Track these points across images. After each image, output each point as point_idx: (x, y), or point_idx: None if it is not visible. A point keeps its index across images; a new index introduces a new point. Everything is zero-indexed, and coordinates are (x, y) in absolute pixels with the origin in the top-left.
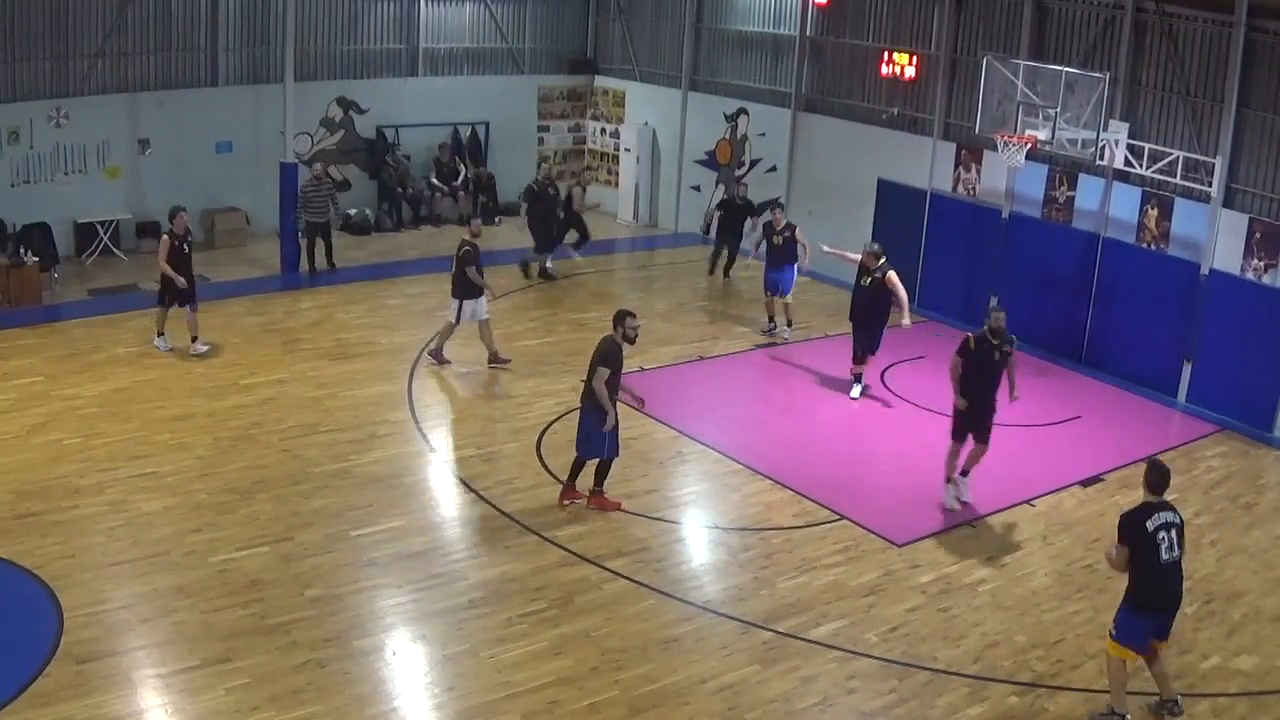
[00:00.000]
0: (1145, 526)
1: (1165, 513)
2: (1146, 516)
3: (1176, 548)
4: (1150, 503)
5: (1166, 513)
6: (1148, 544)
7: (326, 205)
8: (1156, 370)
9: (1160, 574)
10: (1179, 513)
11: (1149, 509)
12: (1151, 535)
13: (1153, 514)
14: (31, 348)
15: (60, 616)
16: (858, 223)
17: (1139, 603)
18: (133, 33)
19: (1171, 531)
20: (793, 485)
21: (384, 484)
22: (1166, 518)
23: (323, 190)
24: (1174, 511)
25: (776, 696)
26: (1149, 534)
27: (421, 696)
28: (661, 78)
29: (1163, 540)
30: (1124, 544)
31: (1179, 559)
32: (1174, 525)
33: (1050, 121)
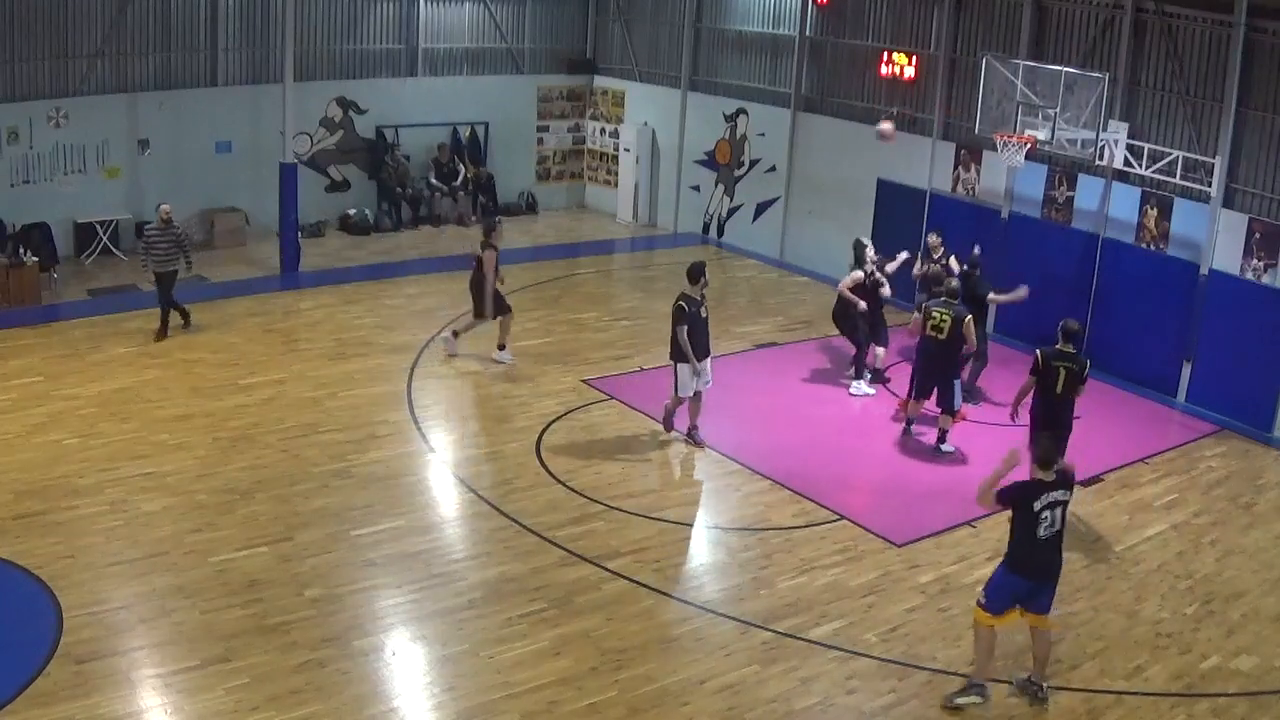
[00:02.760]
0: (1032, 505)
1: (1055, 491)
2: (1036, 494)
3: (1058, 524)
4: (1044, 481)
5: (1056, 491)
6: (1029, 517)
7: (175, 254)
8: (1156, 370)
9: (1037, 546)
10: (1070, 487)
11: (1040, 487)
12: (1036, 513)
13: (1043, 492)
14: (31, 348)
15: (60, 616)
16: (858, 223)
17: (1011, 563)
18: (132, 33)
19: (1057, 510)
20: (792, 485)
21: (384, 484)
22: (1055, 496)
23: (169, 235)
24: (1064, 489)
25: (776, 696)
26: (1034, 511)
27: (421, 696)
28: (661, 78)
29: (1045, 518)
30: (999, 502)
31: (1059, 533)
32: (1062, 503)
33: (1050, 121)
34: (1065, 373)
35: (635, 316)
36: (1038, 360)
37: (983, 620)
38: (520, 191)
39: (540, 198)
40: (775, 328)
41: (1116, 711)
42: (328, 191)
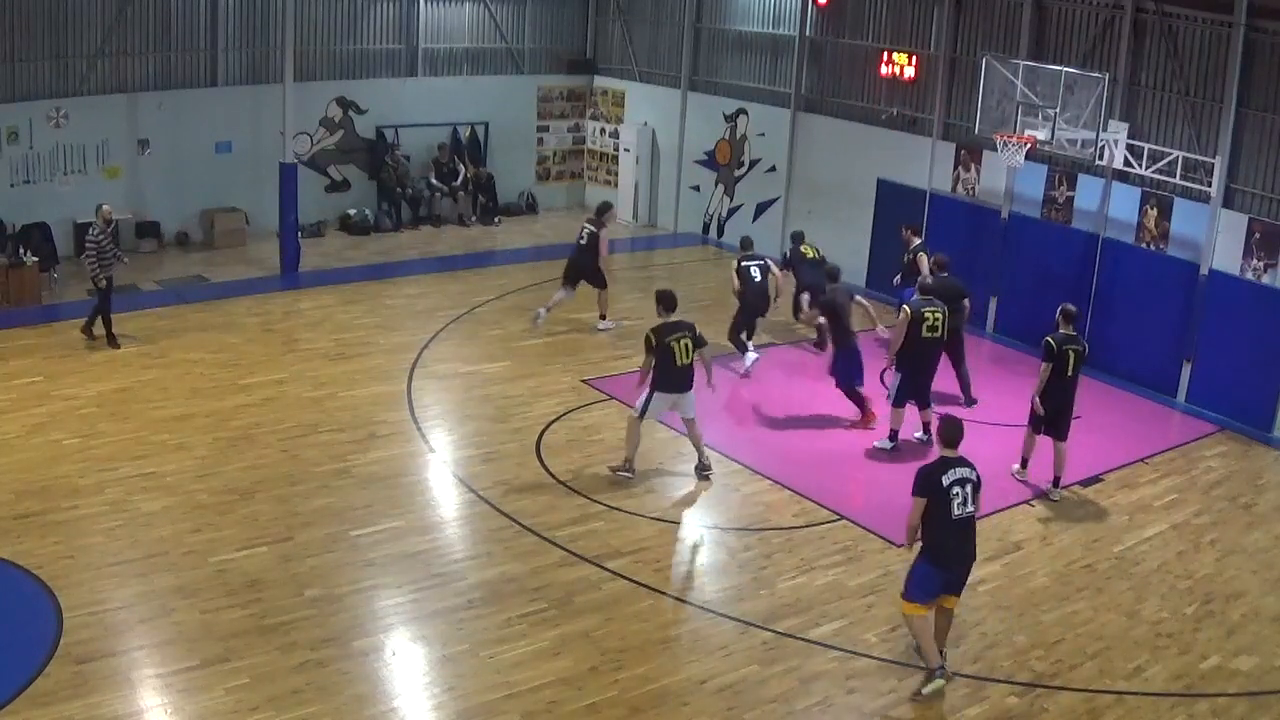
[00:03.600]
0: (940, 481)
1: (961, 469)
2: (943, 471)
3: (970, 503)
4: (947, 458)
5: (963, 469)
6: (941, 498)
7: (115, 255)
8: (1156, 370)
9: (952, 528)
10: (975, 469)
11: (945, 464)
12: (946, 490)
13: (949, 469)
14: (31, 348)
15: (60, 616)
16: (858, 223)
17: (933, 556)
18: (132, 33)
19: (966, 487)
20: (792, 485)
21: (384, 484)
22: (962, 473)
23: (110, 236)
24: (970, 468)
25: (776, 696)
26: (944, 488)
27: (421, 696)
28: (661, 78)
29: (956, 495)
30: (917, 495)
31: (972, 515)
32: (969, 481)
33: (1050, 121)
34: (1074, 355)
35: (635, 316)
36: (1052, 347)
37: (912, 611)
38: (520, 191)
39: (540, 198)
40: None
41: (1116, 711)
42: (328, 191)
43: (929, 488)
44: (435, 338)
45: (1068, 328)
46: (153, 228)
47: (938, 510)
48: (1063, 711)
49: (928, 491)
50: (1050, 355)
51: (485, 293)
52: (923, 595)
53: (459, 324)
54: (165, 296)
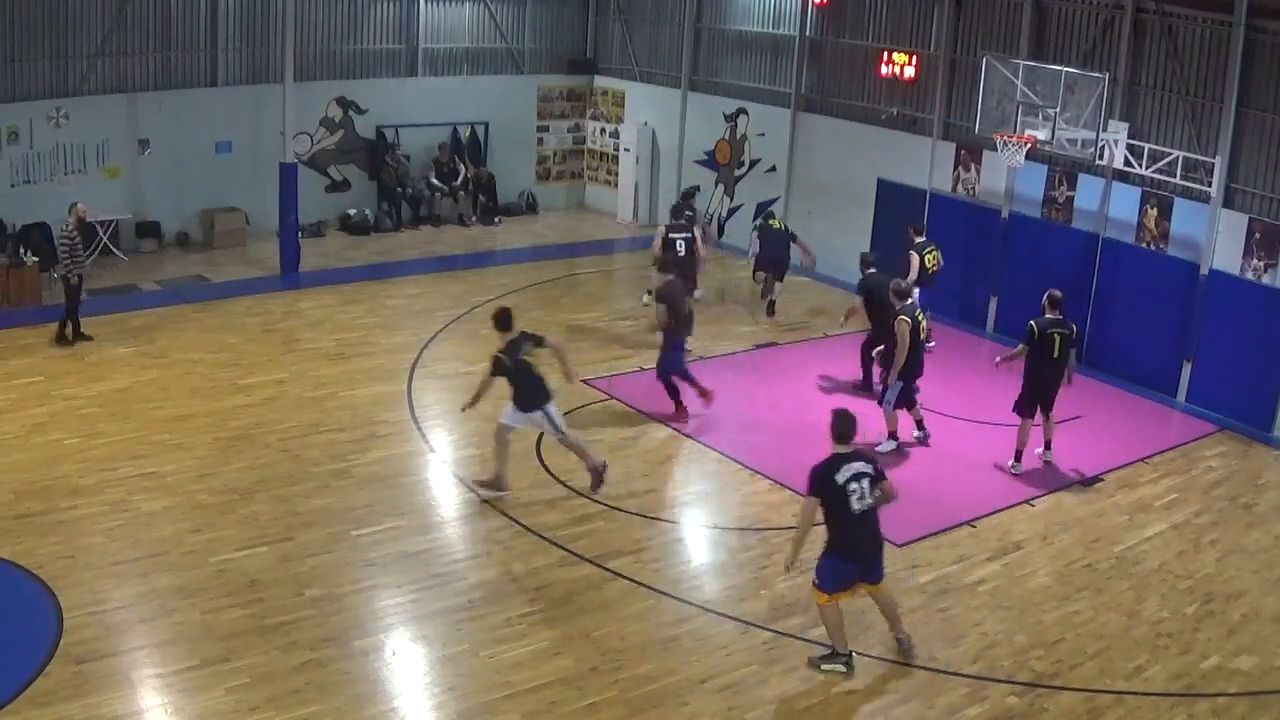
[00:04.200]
0: (835, 479)
1: (856, 463)
2: (836, 469)
3: (868, 496)
4: (840, 454)
5: (857, 463)
6: (839, 495)
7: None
8: (1156, 370)
9: (853, 522)
10: (872, 460)
11: (839, 460)
12: (842, 487)
13: (843, 465)
14: (31, 348)
15: (60, 616)
16: (858, 223)
17: (838, 551)
18: (132, 33)
19: (863, 481)
20: (793, 485)
21: (384, 484)
22: (857, 468)
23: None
24: (865, 461)
25: (776, 696)
26: (839, 486)
27: (421, 696)
28: (661, 78)
29: (853, 490)
30: (812, 495)
31: (872, 507)
32: (865, 475)
33: (1050, 121)
34: (1060, 339)
35: (635, 316)
36: (1032, 330)
37: (822, 599)
38: (520, 191)
39: (540, 198)
40: (775, 327)
41: (1116, 711)
42: (328, 191)
43: (823, 487)
44: (435, 338)
45: (1053, 313)
46: (153, 228)
47: (837, 508)
48: (1063, 711)
49: (823, 491)
50: (1030, 339)
51: (485, 293)
52: (834, 586)
53: (459, 324)
54: (165, 296)
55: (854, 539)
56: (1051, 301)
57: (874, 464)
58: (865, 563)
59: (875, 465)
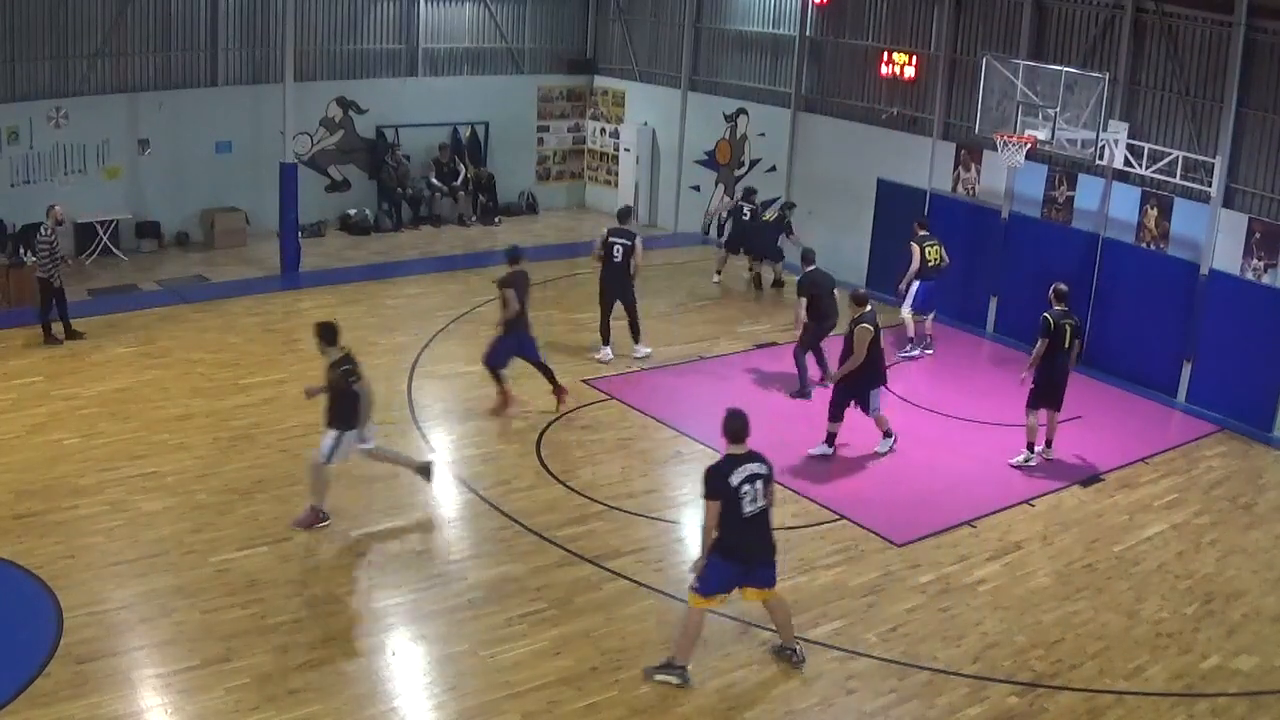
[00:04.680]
0: (729, 481)
1: (750, 464)
2: (730, 470)
3: (761, 499)
4: (734, 454)
5: (752, 464)
6: (731, 498)
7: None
8: (1156, 370)
9: (744, 525)
10: (766, 461)
11: (733, 461)
12: (735, 489)
13: (737, 466)
14: (31, 348)
15: (60, 616)
16: (858, 223)
17: (724, 551)
18: (133, 33)
19: (756, 483)
20: (793, 485)
21: (384, 484)
22: (751, 469)
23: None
24: (760, 462)
25: (776, 696)
26: (733, 488)
27: (421, 696)
28: (661, 78)
29: (746, 493)
30: (710, 499)
31: (765, 510)
32: (760, 476)
33: (1050, 121)
34: (1070, 329)
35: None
36: (1049, 323)
37: (695, 602)
38: (520, 191)
39: (540, 198)
40: (775, 327)
41: (1116, 711)
42: (328, 191)
43: (718, 489)
44: (435, 338)
45: (1060, 305)
46: (153, 228)
47: (728, 509)
48: (1063, 711)
49: (719, 493)
50: (1048, 330)
51: (485, 293)
52: (710, 588)
53: (459, 324)
54: (165, 296)
55: (743, 541)
56: (1058, 294)
57: (768, 465)
58: (752, 565)
59: (768, 466)
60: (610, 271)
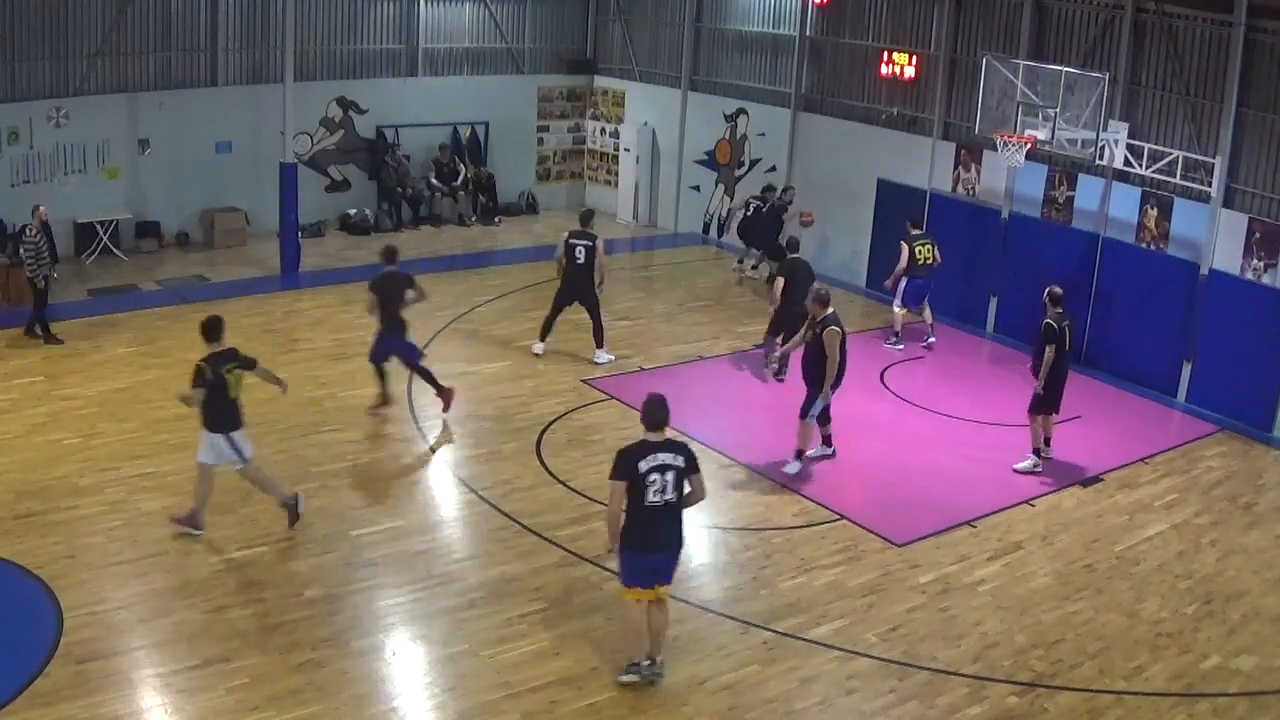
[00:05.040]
0: (637, 466)
1: (663, 454)
2: (641, 456)
3: (670, 490)
4: (648, 441)
5: (665, 454)
6: (638, 484)
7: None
8: (1156, 370)
9: (647, 514)
10: (683, 452)
11: (645, 448)
12: (643, 476)
13: (648, 454)
14: (31, 348)
15: (60, 616)
16: (858, 223)
17: (629, 541)
18: (133, 33)
19: (667, 474)
20: (793, 485)
21: (384, 484)
22: (663, 459)
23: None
24: (675, 452)
25: (776, 696)
26: (640, 474)
27: (421, 696)
28: (661, 78)
29: (653, 482)
30: (615, 480)
31: (672, 502)
32: (671, 467)
33: (1050, 121)
34: (1069, 331)
35: (635, 316)
36: (1053, 328)
37: (624, 595)
38: (520, 191)
39: (540, 198)
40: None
41: (1116, 711)
42: (328, 191)
43: (626, 472)
44: (435, 338)
45: (1057, 308)
46: (153, 228)
47: (634, 495)
48: (1063, 711)
49: (625, 476)
50: (1053, 337)
51: (485, 293)
52: (634, 580)
53: (459, 324)
54: (165, 296)
55: (647, 532)
56: (1053, 298)
57: (685, 456)
58: (656, 558)
59: (687, 458)
60: (574, 273)
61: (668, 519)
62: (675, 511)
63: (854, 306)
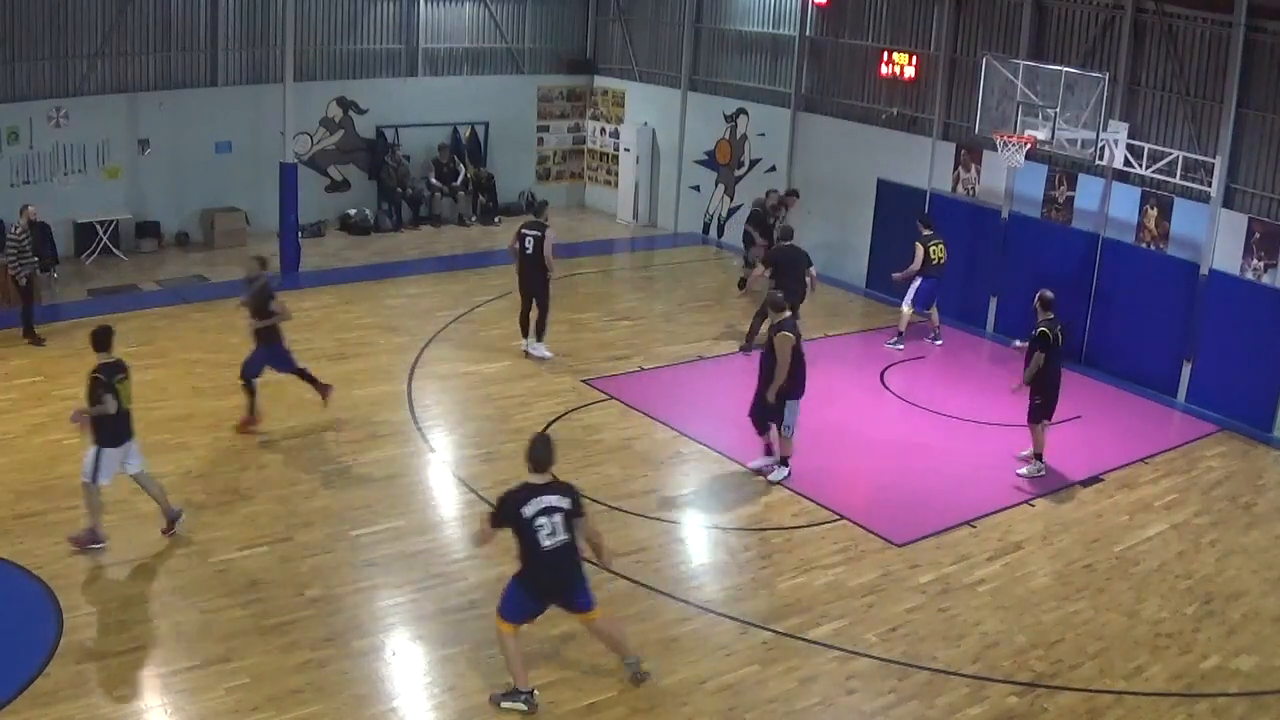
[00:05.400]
0: (520, 512)
1: (548, 496)
2: (524, 501)
3: (562, 531)
4: (531, 484)
5: (550, 496)
6: (525, 529)
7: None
8: (1156, 370)
9: (544, 558)
10: (570, 494)
11: (528, 491)
12: (529, 521)
13: (532, 498)
14: (31, 348)
15: (60, 616)
16: (858, 223)
17: (524, 583)
18: (133, 33)
19: (554, 515)
20: (792, 485)
21: (384, 484)
22: (549, 501)
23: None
24: (561, 494)
25: (776, 696)
26: (526, 519)
27: (421, 696)
28: (661, 78)
29: (541, 525)
30: (493, 526)
31: (568, 542)
32: (558, 509)
33: (1050, 121)
34: (1060, 337)
35: (635, 316)
36: (1046, 336)
37: (504, 628)
38: (520, 191)
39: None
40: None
41: (1116, 711)
42: (328, 191)
43: (508, 518)
44: (435, 338)
45: (1048, 313)
46: (153, 228)
47: (525, 540)
48: (1063, 711)
49: (504, 522)
50: (1046, 345)
51: (485, 293)
52: (513, 614)
53: (459, 324)
54: (165, 296)
55: (542, 577)
56: (1045, 302)
57: (571, 497)
58: (551, 601)
59: (573, 499)
60: (523, 264)
61: (565, 560)
62: (573, 553)
63: (854, 306)
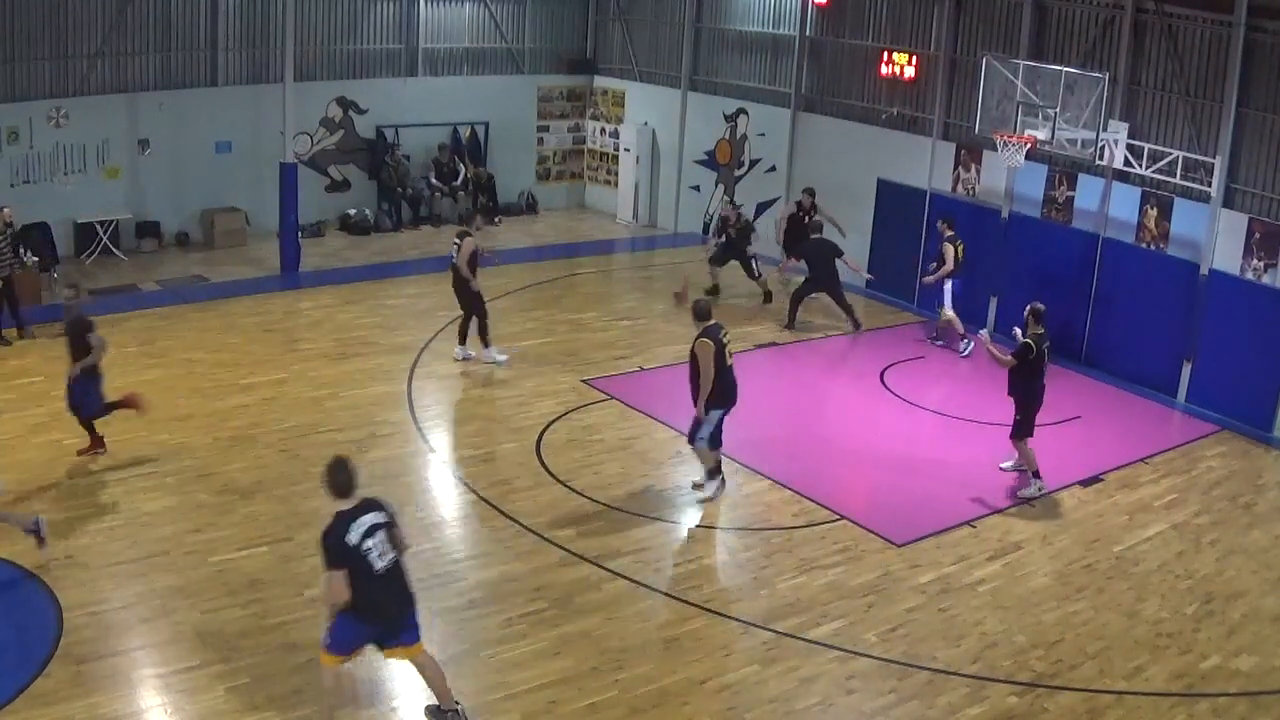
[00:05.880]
0: (347, 543)
1: (365, 516)
2: (346, 529)
3: (390, 549)
4: (343, 511)
5: (366, 515)
6: (357, 559)
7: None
8: (1156, 370)
9: (378, 582)
10: (382, 505)
11: (345, 519)
12: (357, 548)
13: (352, 523)
14: (31, 348)
15: (60, 616)
16: (858, 223)
17: (358, 610)
18: (133, 33)
19: (378, 533)
20: (792, 485)
21: (384, 484)
22: (369, 521)
23: (7, 238)
24: (375, 510)
25: (776, 696)
26: (354, 549)
27: (421, 696)
28: (661, 78)
29: (371, 548)
30: (333, 569)
31: (397, 560)
32: (380, 526)
33: (1050, 121)
34: (1046, 352)
35: (635, 316)
36: (1033, 348)
37: (328, 661)
38: (520, 191)
39: (540, 198)
40: (776, 328)
41: (1116, 711)
42: (328, 191)
43: (340, 555)
44: (435, 338)
45: (1038, 327)
46: (153, 228)
47: (359, 571)
48: (1063, 711)
49: (341, 559)
50: (1027, 357)
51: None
52: (342, 647)
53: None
54: (165, 296)
55: (378, 600)
56: (1036, 315)
57: (384, 509)
58: (391, 624)
59: (386, 510)
60: (452, 271)
61: (399, 579)
62: (402, 569)
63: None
